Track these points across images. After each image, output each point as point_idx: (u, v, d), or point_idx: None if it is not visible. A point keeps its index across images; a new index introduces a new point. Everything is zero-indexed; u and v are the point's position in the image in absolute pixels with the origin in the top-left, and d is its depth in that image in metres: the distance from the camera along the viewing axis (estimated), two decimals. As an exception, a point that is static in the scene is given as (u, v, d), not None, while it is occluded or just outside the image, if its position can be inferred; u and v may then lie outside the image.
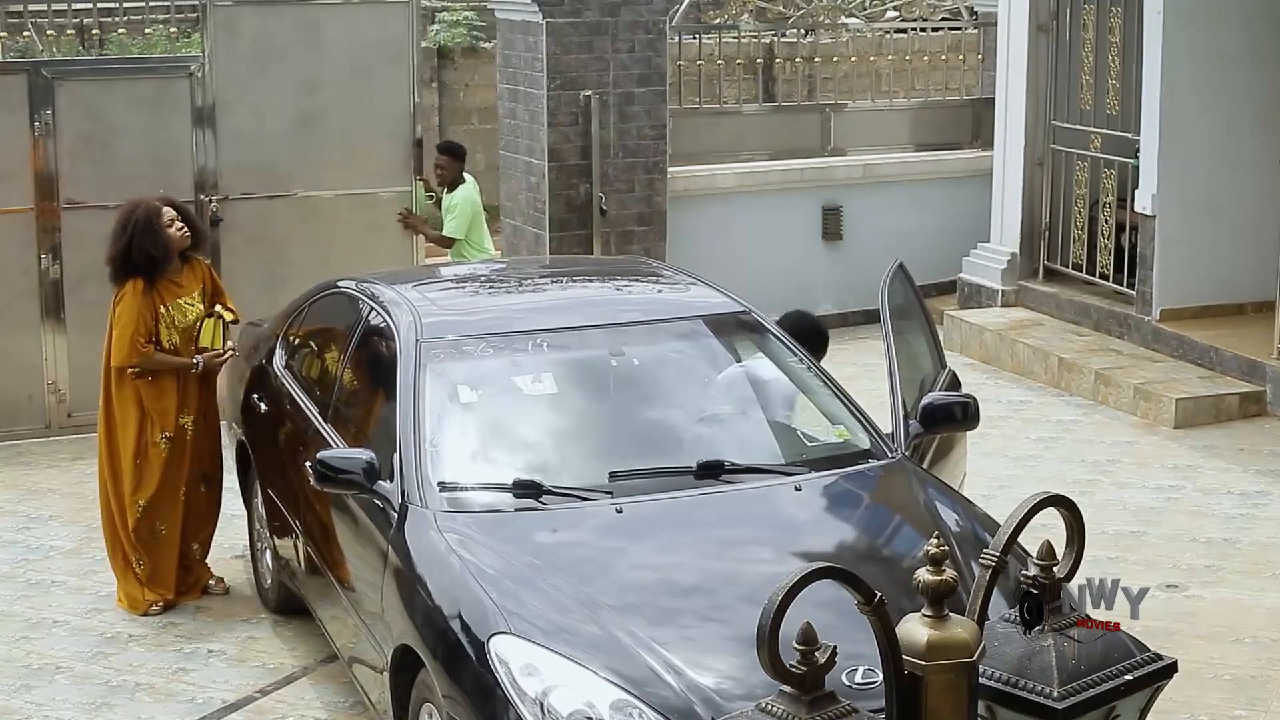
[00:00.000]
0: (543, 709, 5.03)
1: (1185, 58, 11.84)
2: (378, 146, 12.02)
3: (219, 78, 11.55)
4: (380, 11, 11.99)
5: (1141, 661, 3.30)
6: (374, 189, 12.03)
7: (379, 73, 11.92)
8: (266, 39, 11.70)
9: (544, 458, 6.44)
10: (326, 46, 11.82)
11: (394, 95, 11.97)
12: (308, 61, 11.77)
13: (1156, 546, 8.89)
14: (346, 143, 11.90)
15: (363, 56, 11.88)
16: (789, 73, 16.38)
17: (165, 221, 8.23)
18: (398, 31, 11.94)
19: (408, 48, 11.98)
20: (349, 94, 11.87)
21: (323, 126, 11.86)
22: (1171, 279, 12.05)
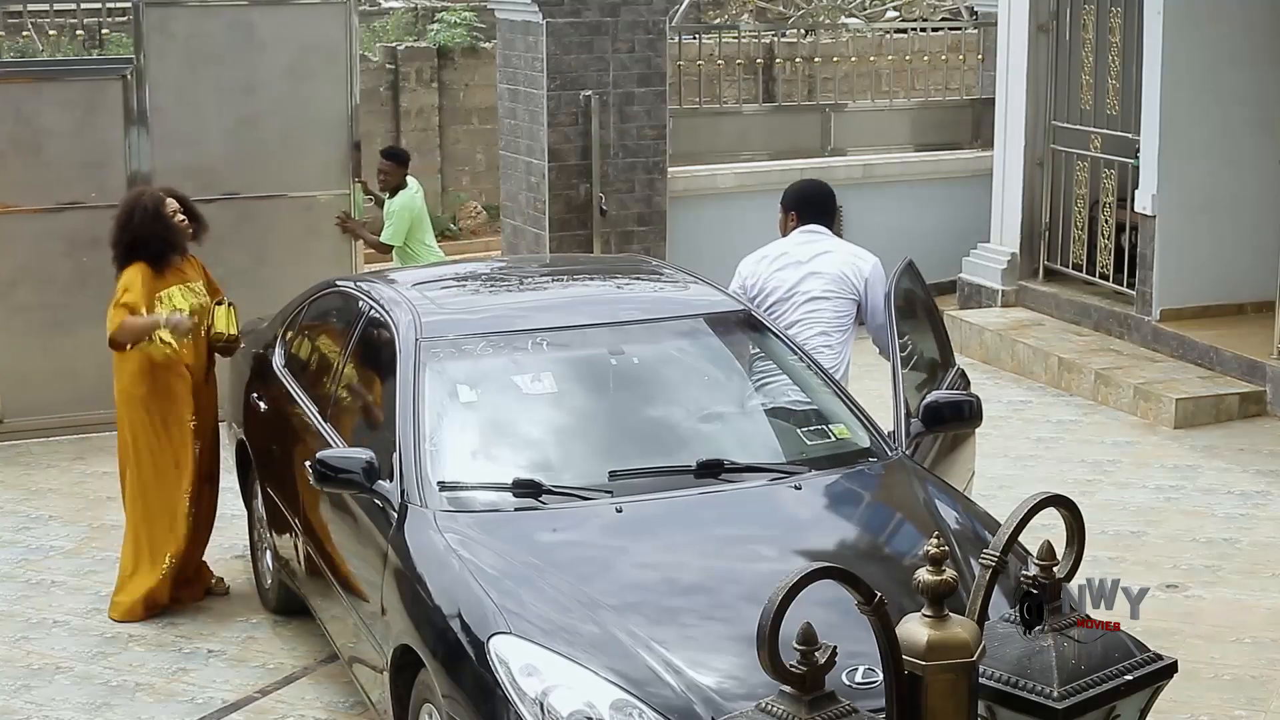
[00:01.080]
0: (543, 709, 5.03)
1: (1185, 58, 11.84)
2: (315, 149, 11.82)
3: (152, 80, 11.35)
4: (317, 13, 11.82)
5: (1141, 661, 3.30)
6: (312, 192, 11.86)
7: (316, 75, 11.74)
8: (201, 41, 11.50)
9: (544, 457, 6.43)
10: (262, 48, 11.64)
11: (332, 97, 11.78)
12: (243, 64, 11.59)
13: (1156, 546, 8.89)
14: (284, 145, 11.71)
15: (300, 58, 11.71)
16: (789, 73, 16.40)
17: (169, 211, 8.26)
18: (335, 33, 11.75)
19: (345, 49, 11.79)
20: (286, 96, 11.70)
21: (259, 129, 11.67)
22: (1171, 279, 12.06)
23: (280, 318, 8.72)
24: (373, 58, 21.91)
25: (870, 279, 7.92)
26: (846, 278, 7.90)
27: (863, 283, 7.91)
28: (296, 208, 11.81)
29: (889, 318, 7.26)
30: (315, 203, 11.86)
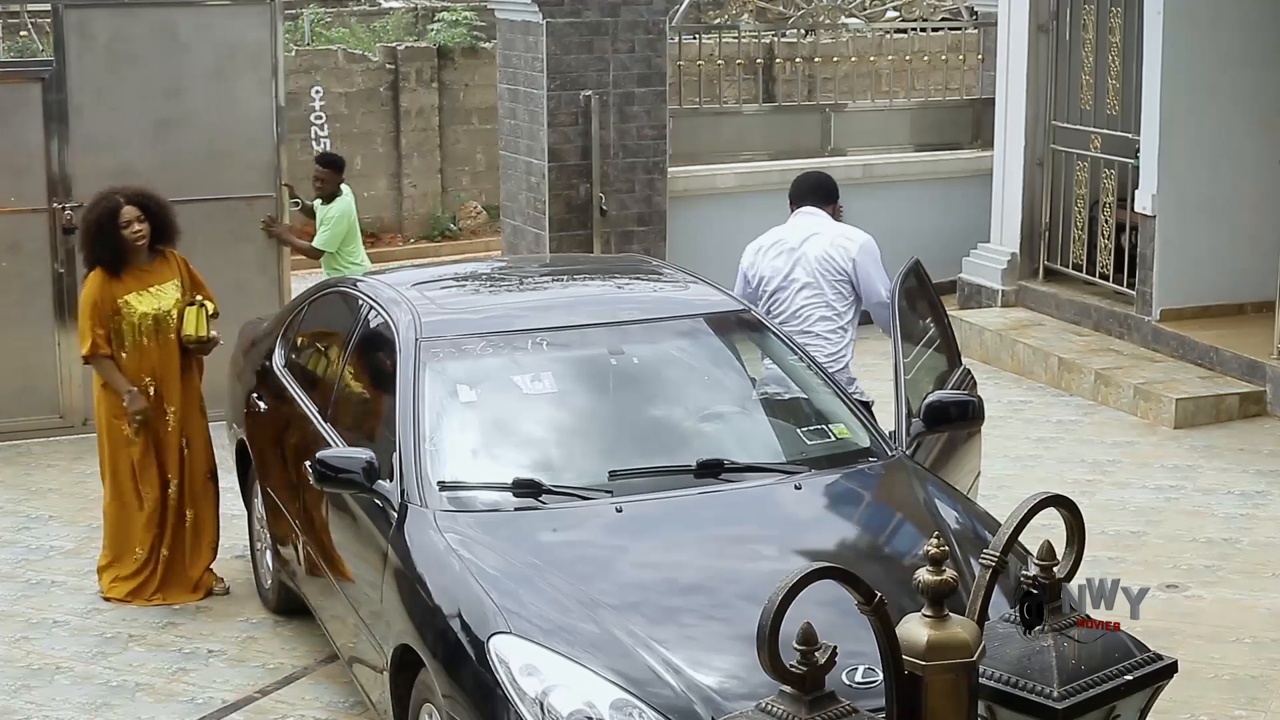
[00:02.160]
0: (543, 709, 5.03)
1: (1185, 58, 11.84)
2: (240, 152, 11.65)
3: (72, 82, 11.19)
4: (241, 14, 11.66)
5: (1141, 661, 3.29)
6: (237, 196, 11.68)
7: (241, 77, 11.60)
8: (122, 42, 11.34)
9: (544, 457, 6.43)
10: (185, 50, 11.47)
11: (257, 100, 11.64)
12: (166, 65, 11.43)
13: (1156, 547, 8.89)
14: (208, 148, 11.51)
15: (224, 60, 11.55)
16: (789, 73, 16.41)
17: (122, 222, 8.30)
18: (259, 34, 11.61)
19: (270, 51, 11.64)
20: (210, 98, 11.53)
21: (183, 132, 11.49)
22: (1171, 279, 12.06)
23: (280, 318, 8.72)
24: (373, 58, 21.92)
25: (858, 258, 7.97)
26: (832, 259, 7.97)
27: (850, 263, 7.97)
28: (221, 212, 11.57)
29: (893, 317, 7.25)
30: (240, 206, 11.66)
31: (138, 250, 8.38)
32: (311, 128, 21.47)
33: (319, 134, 21.52)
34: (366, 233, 21.54)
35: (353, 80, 21.72)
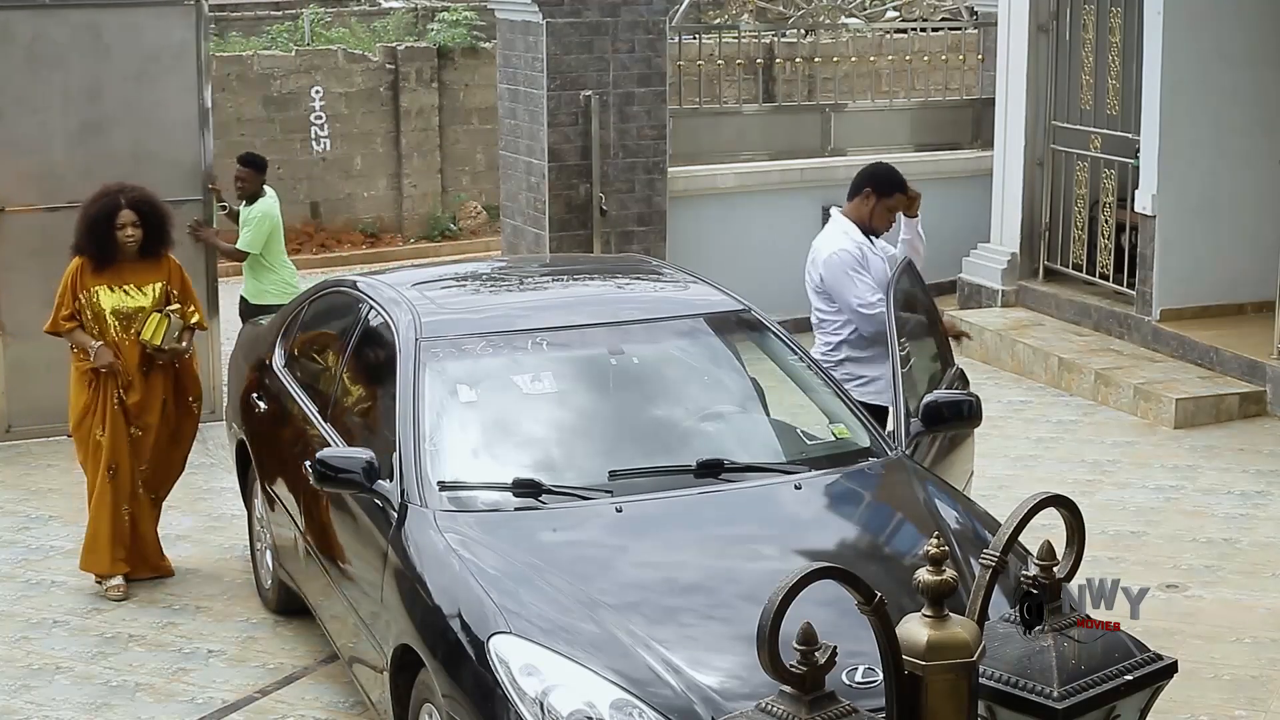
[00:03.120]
0: (543, 709, 5.03)
1: (1185, 58, 11.84)
2: (166, 155, 11.47)
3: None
4: (164, 15, 11.50)
5: (1141, 661, 3.29)
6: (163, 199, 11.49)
7: (165, 79, 11.46)
8: (44, 44, 11.20)
9: (544, 457, 6.44)
10: (109, 52, 11.33)
11: (181, 102, 11.50)
12: (89, 68, 11.29)
13: (1156, 546, 8.89)
14: (133, 152, 11.32)
15: (148, 63, 11.41)
16: (789, 73, 16.41)
17: (118, 224, 8.43)
18: (184, 36, 11.48)
19: (195, 53, 11.52)
20: (134, 101, 11.39)
21: (107, 135, 11.35)
22: (1171, 279, 12.06)
23: (280, 318, 8.73)
24: (373, 57, 21.92)
25: (824, 273, 7.94)
26: (810, 268, 8.05)
27: (818, 276, 7.97)
28: None
29: (888, 318, 7.25)
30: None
31: (125, 252, 8.48)
32: (311, 128, 21.48)
33: (319, 134, 21.53)
34: (366, 232, 21.63)
35: (353, 80, 21.72)
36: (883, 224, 8.06)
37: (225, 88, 21.06)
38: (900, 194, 8.06)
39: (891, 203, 8.03)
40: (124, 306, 8.49)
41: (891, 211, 8.04)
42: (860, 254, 7.94)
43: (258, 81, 21.29)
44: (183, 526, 9.59)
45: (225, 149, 21.01)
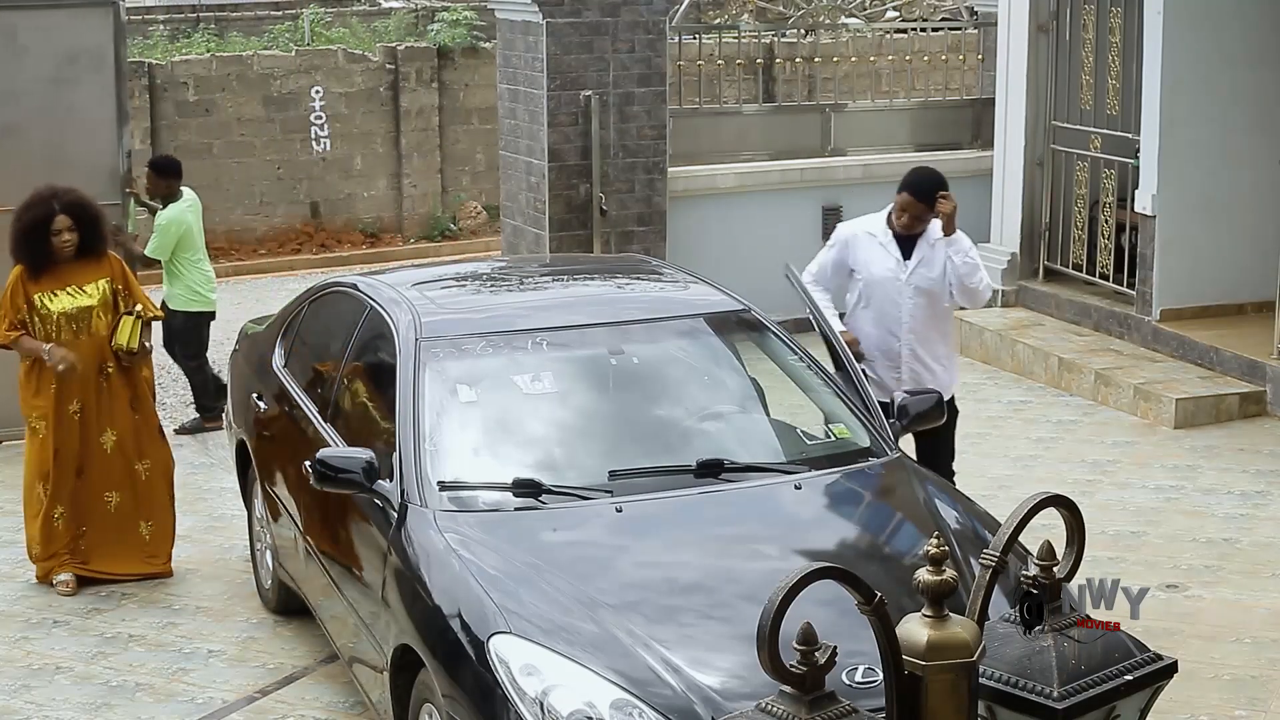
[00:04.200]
0: (543, 709, 5.03)
1: (1185, 58, 11.84)
2: (82, 159, 11.25)
3: None
4: (82, 17, 11.29)
5: (1141, 661, 3.29)
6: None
7: (82, 81, 11.26)
8: None
9: (544, 457, 6.43)
10: (24, 53, 11.14)
11: (99, 105, 11.32)
12: (4, 70, 11.12)
13: (1156, 547, 8.89)
14: (49, 155, 11.09)
15: (64, 64, 11.23)
16: (789, 73, 16.41)
17: (53, 230, 8.41)
18: (100, 39, 11.28)
19: (112, 55, 11.33)
20: (50, 104, 11.21)
21: (23, 138, 11.16)
22: (1171, 279, 12.05)
23: (280, 318, 8.73)
24: (373, 58, 21.92)
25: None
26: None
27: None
28: None
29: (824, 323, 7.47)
30: None
31: (63, 256, 8.49)
32: (311, 128, 21.47)
33: (319, 134, 21.53)
34: (366, 232, 21.63)
35: (353, 80, 21.73)
36: (898, 221, 7.99)
37: (225, 88, 21.07)
38: (905, 194, 7.98)
39: (900, 200, 8.00)
40: (72, 308, 8.50)
41: (902, 211, 7.96)
42: (850, 238, 8.13)
43: (258, 81, 21.29)
44: (183, 526, 9.57)
45: (225, 149, 21.10)
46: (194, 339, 11.90)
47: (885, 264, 7.97)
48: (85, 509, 8.65)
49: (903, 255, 7.97)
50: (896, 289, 7.96)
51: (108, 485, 8.63)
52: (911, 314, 7.98)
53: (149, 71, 20.66)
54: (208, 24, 27.25)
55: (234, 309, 16.44)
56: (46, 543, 8.62)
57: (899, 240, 7.99)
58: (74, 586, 8.60)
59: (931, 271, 7.93)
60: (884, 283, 7.99)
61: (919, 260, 7.96)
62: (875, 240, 8.02)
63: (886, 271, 7.97)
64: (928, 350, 8.04)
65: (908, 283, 7.95)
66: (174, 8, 28.58)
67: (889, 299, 7.97)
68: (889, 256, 7.97)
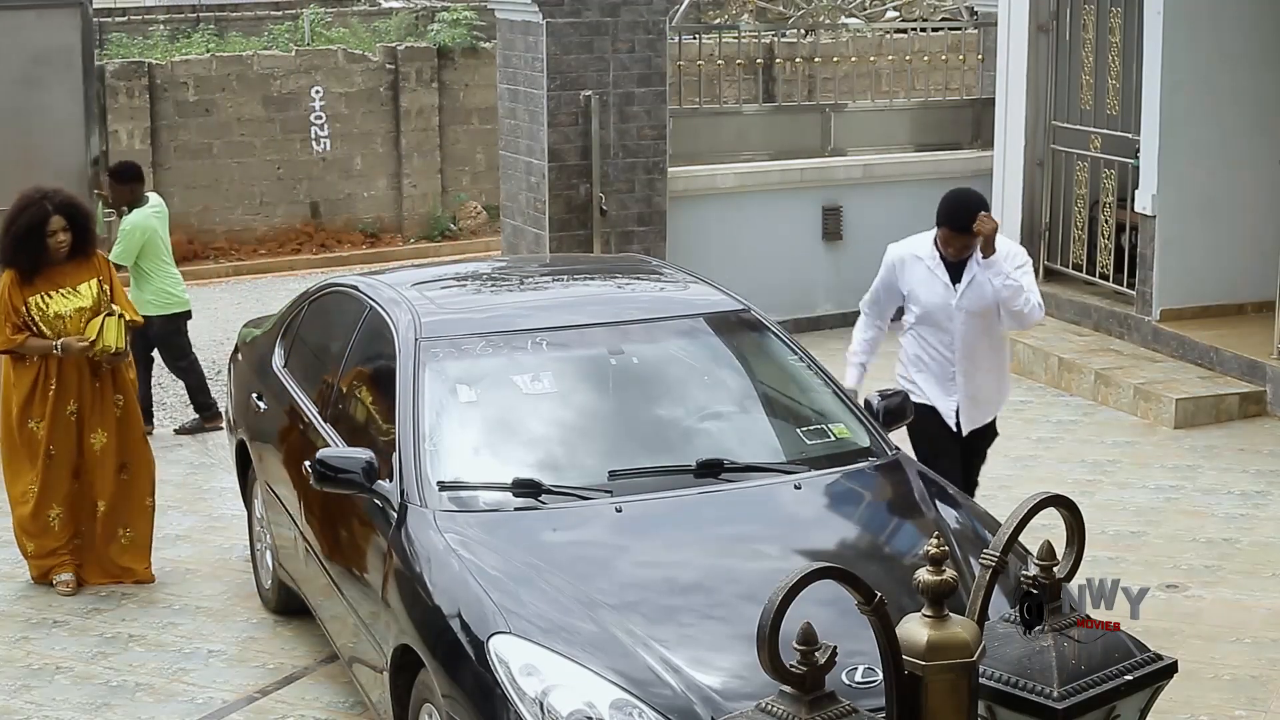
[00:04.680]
0: (542, 709, 5.03)
1: (1186, 58, 11.84)
2: (49, 160, 11.16)
3: None
4: (50, 19, 11.18)
5: (1142, 661, 3.29)
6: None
7: (50, 83, 11.15)
8: None
9: (543, 456, 6.43)
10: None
11: (67, 106, 11.20)
12: None
13: (1156, 547, 8.89)
14: (16, 156, 11.03)
15: (32, 65, 11.11)
16: (789, 73, 16.40)
17: (48, 232, 8.40)
18: (69, 40, 11.16)
19: (80, 56, 11.21)
20: (18, 105, 11.11)
21: None
22: (1171, 279, 12.05)
23: (280, 318, 8.73)
24: (373, 58, 21.93)
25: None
26: None
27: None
28: None
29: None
30: None
31: (56, 258, 8.48)
32: (311, 128, 21.48)
33: (319, 134, 21.54)
34: (366, 232, 21.64)
35: (353, 80, 21.74)
36: (946, 251, 7.63)
37: (225, 88, 21.08)
38: (944, 229, 7.62)
39: (940, 234, 7.65)
40: (66, 310, 8.49)
41: (945, 243, 7.61)
42: (898, 262, 7.76)
43: (258, 81, 21.30)
44: (182, 526, 9.60)
45: (225, 150, 21.10)
46: (176, 341, 11.86)
47: (934, 289, 7.65)
48: (80, 513, 8.65)
49: (952, 279, 7.62)
50: (947, 314, 7.62)
51: (99, 492, 8.62)
52: (964, 338, 7.66)
53: (149, 71, 20.68)
54: (208, 24, 27.26)
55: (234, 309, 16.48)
56: (41, 540, 8.61)
57: (948, 263, 7.65)
58: (74, 586, 8.61)
59: (982, 294, 7.58)
60: (934, 308, 7.66)
61: (968, 283, 7.61)
62: (923, 264, 7.69)
63: (936, 296, 7.64)
64: (982, 375, 7.77)
65: (958, 307, 7.61)
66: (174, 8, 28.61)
67: (940, 324, 7.65)
68: (937, 281, 7.65)
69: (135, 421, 8.79)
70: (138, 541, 8.76)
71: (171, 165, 20.73)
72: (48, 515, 8.57)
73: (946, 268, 7.64)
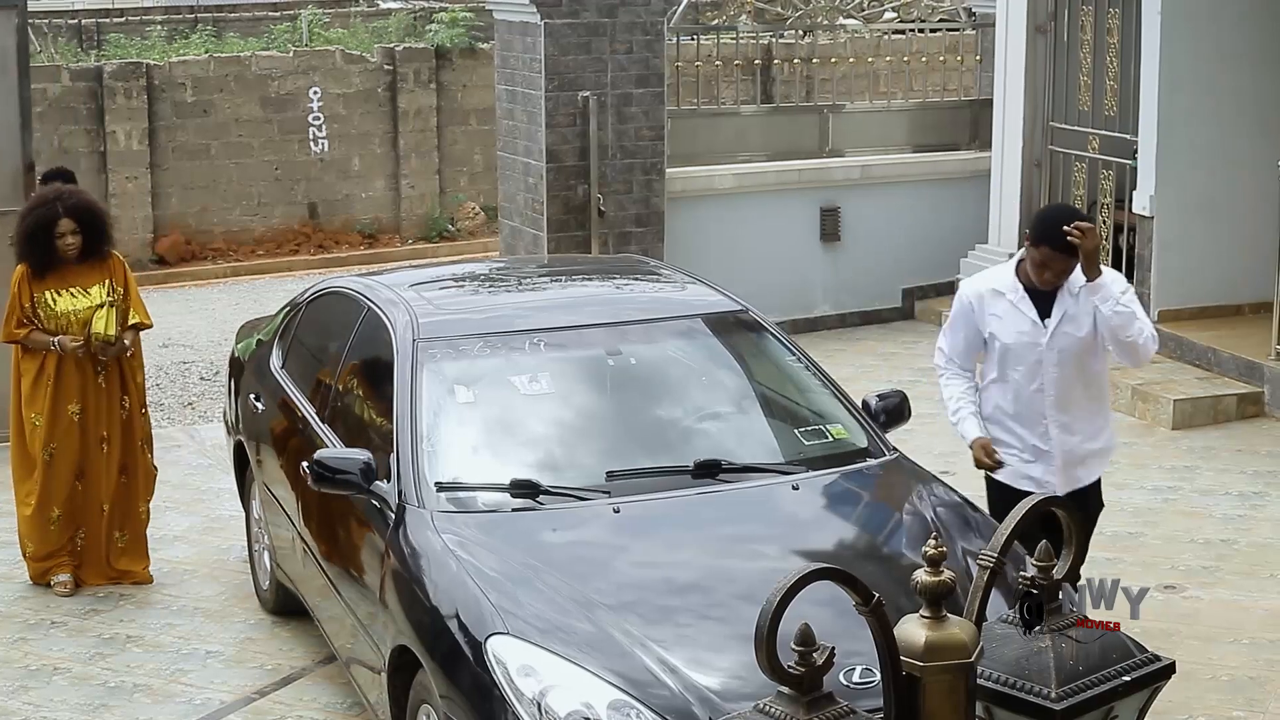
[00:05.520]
0: (540, 709, 5.03)
1: (1184, 58, 11.84)
2: None
3: None
4: None
5: (1140, 662, 3.30)
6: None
7: None
8: None
9: (541, 457, 6.43)
10: None
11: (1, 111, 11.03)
12: None
13: (1154, 547, 8.89)
14: None
15: None
16: (787, 73, 16.37)
17: (57, 234, 8.42)
18: (3, 42, 10.98)
19: (14, 59, 11.05)
20: None
21: None
22: (1169, 280, 12.05)
23: (279, 319, 8.72)
24: (371, 58, 21.93)
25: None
26: None
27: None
28: None
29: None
30: None
31: (67, 258, 8.50)
32: (309, 128, 21.48)
33: (317, 134, 21.54)
34: (364, 233, 21.63)
35: (350, 81, 21.73)
36: (1039, 278, 6.53)
37: (223, 88, 21.07)
38: (1043, 248, 6.44)
39: (1038, 255, 6.49)
40: (76, 309, 8.51)
41: (1042, 267, 6.48)
42: (969, 300, 6.72)
43: (255, 82, 21.30)
44: (180, 527, 9.59)
45: (223, 150, 21.10)
46: None
47: (1020, 327, 6.61)
48: (83, 514, 8.65)
49: (1040, 314, 6.58)
50: (1036, 355, 6.57)
51: (103, 494, 8.63)
52: (1057, 384, 6.61)
53: (147, 72, 20.68)
54: (205, 24, 27.26)
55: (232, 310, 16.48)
56: (41, 542, 8.61)
57: (1034, 295, 6.59)
58: (72, 587, 8.60)
59: (1078, 329, 6.55)
60: (1021, 349, 6.61)
61: (1061, 317, 6.57)
62: (1005, 298, 6.63)
63: (1022, 336, 6.60)
64: (1081, 426, 6.72)
65: (1050, 347, 6.57)
66: (172, 8, 28.60)
67: (1028, 368, 6.61)
68: (1023, 317, 6.61)
69: (137, 427, 8.79)
70: (133, 545, 8.76)
71: (169, 166, 20.73)
72: (48, 516, 8.57)
73: (1033, 302, 6.60)
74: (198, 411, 13.06)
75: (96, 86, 20.40)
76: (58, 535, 8.61)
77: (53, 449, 8.53)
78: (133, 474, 8.74)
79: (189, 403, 13.37)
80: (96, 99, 20.38)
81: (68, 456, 8.55)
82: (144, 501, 8.80)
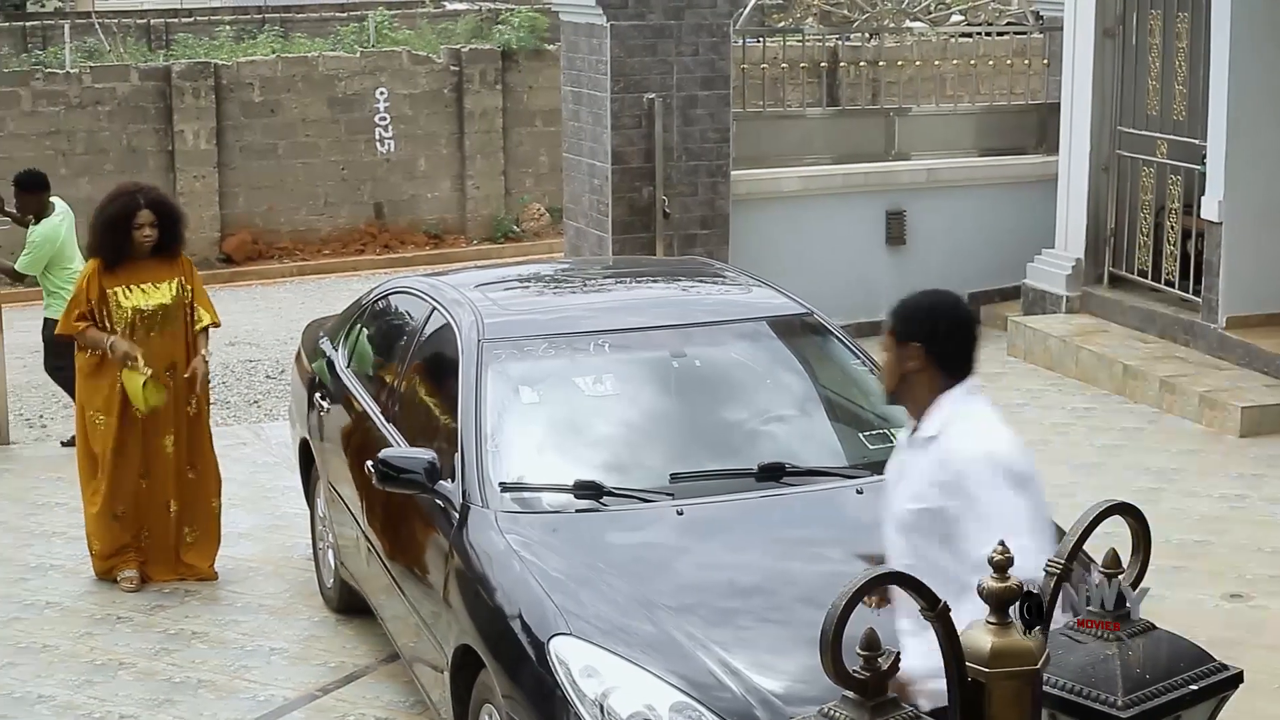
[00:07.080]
0: (602, 710, 5.03)
1: (1253, 62, 11.74)
2: None
3: None
4: None
5: (1207, 671, 3.27)
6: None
7: None
8: None
9: (605, 458, 6.43)
10: None
11: None
12: None
13: (1221, 556, 8.81)
14: None
15: None
16: (853, 76, 16.36)
17: (136, 224, 8.51)
18: None
19: None
20: None
21: None
22: (1238, 286, 11.95)
23: (344, 318, 8.77)
24: (437, 59, 22.01)
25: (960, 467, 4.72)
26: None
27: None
28: None
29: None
30: None
31: (140, 251, 8.58)
32: (376, 129, 21.57)
33: (383, 135, 21.63)
34: (430, 234, 21.71)
35: (417, 82, 21.82)
36: None
37: (290, 88, 21.19)
38: None
39: None
40: (145, 305, 8.58)
41: None
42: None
43: (323, 82, 21.42)
44: (245, 525, 9.65)
45: (290, 150, 21.22)
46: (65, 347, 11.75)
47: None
48: (147, 512, 8.71)
49: None
50: None
51: (169, 493, 8.68)
52: None
53: (215, 72, 20.82)
54: (273, 25, 27.43)
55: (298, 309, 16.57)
56: (106, 540, 8.68)
57: None
58: (138, 583, 8.67)
59: None
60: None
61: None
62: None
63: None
64: None
65: None
66: (240, 9, 28.80)
67: None
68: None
69: (204, 427, 8.84)
70: (202, 541, 8.81)
71: (237, 165, 20.87)
72: (113, 514, 8.64)
73: None
74: (263, 409, 13.14)
75: (165, 86, 20.56)
76: (122, 533, 8.68)
77: (120, 448, 8.59)
78: (202, 470, 8.80)
79: (255, 400, 13.47)
80: (165, 98, 20.54)
81: (133, 455, 8.62)
82: (215, 496, 8.86)
